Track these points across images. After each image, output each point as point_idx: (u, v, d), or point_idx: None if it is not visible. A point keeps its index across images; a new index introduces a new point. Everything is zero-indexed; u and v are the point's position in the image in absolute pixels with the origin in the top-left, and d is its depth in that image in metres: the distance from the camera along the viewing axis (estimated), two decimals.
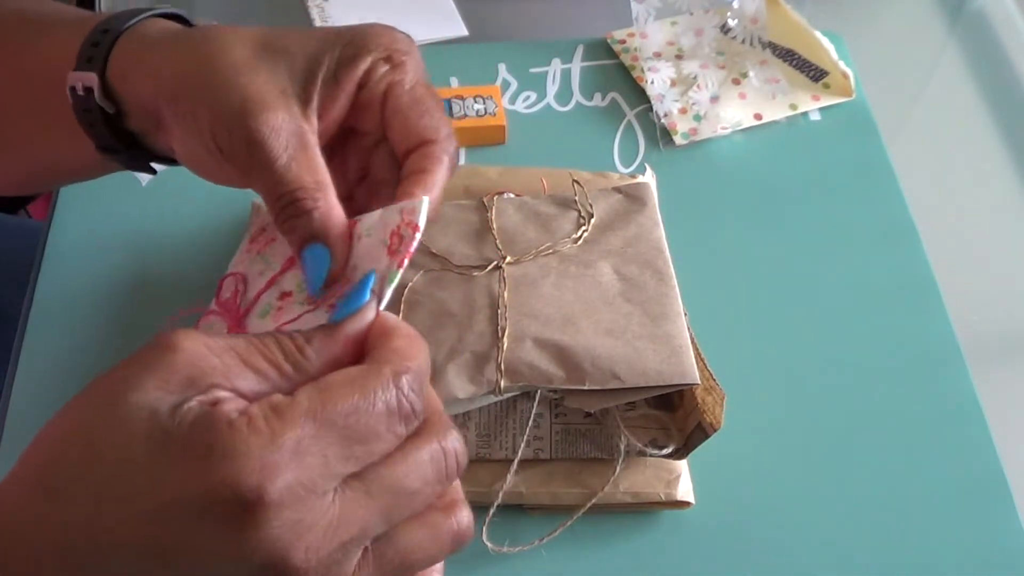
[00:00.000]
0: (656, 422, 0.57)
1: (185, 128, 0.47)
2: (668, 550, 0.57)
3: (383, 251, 0.43)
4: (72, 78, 0.49)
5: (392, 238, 0.42)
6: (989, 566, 0.57)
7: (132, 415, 0.33)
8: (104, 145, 0.51)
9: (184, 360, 0.34)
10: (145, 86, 0.48)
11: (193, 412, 0.33)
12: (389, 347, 0.38)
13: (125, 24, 0.50)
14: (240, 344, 0.36)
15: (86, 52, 0.50)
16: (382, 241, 0.43)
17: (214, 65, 0.47)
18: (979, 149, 0.79)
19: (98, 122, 0.50)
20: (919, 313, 0.67)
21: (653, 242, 0.61)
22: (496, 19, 0.86)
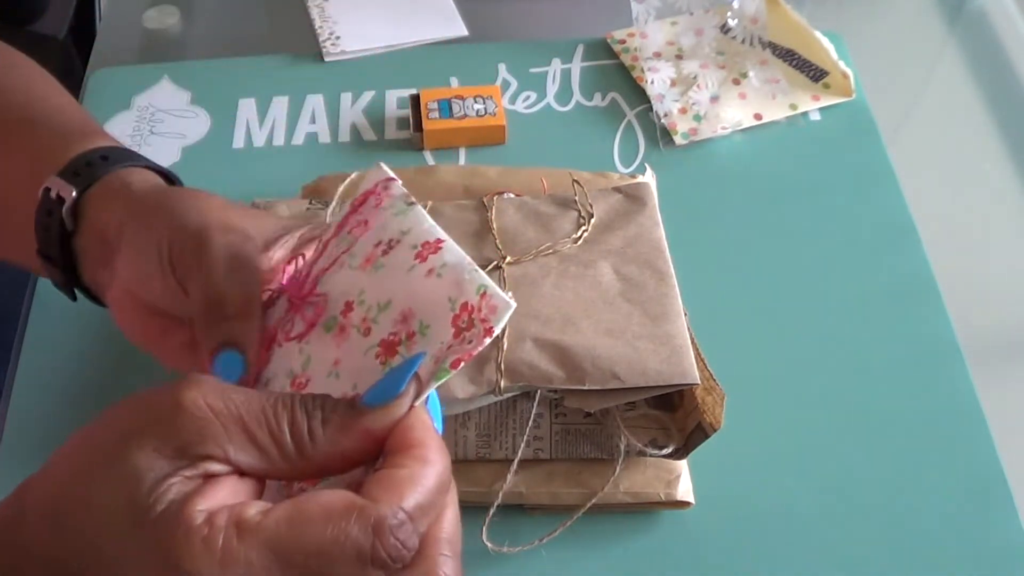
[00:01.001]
0: (656, 422, 0.57)
1: (139, 243, 0.49)
2: (668, 550, 0.57)
3: (447, 318, 0.39)
4: (52, 182, 0.52)
5: (462, 312, 0.39)
6: (989, 566, 0.57)
7: (126, 477, 0.33)
8: (44, 252, 0.53)
9: (186, 423, 0.34)
10: (114, 210, 0.51)
11: (168, 497, 0.33)
12: (399, 471, 0.35)
13: (126, 162, 0.53)
14: (251, 411, 0.35)
15: (75, 167, 0.52)
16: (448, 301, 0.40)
17: (186, 195, 0.51)
18: (979, 149, 0.79)
19: (52, 228, 0.52)
20: (919, 313, 0.67)
21: (653, 242, 0.61)
22: (496, 19, 0.86)
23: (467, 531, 0.56)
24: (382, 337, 0.41)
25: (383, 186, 0.46)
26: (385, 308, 0.42)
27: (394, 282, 0.42)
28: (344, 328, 0.42)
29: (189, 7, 0.90)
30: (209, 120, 0.79)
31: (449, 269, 0.41)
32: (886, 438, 0.61)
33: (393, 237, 0.43)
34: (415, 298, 0.41)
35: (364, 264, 0.44)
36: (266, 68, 0.83)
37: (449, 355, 0.38)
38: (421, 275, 0.41)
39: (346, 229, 0.46)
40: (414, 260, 0.42)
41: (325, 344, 0.43)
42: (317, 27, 0.85)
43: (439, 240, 0.42)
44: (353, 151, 0.77)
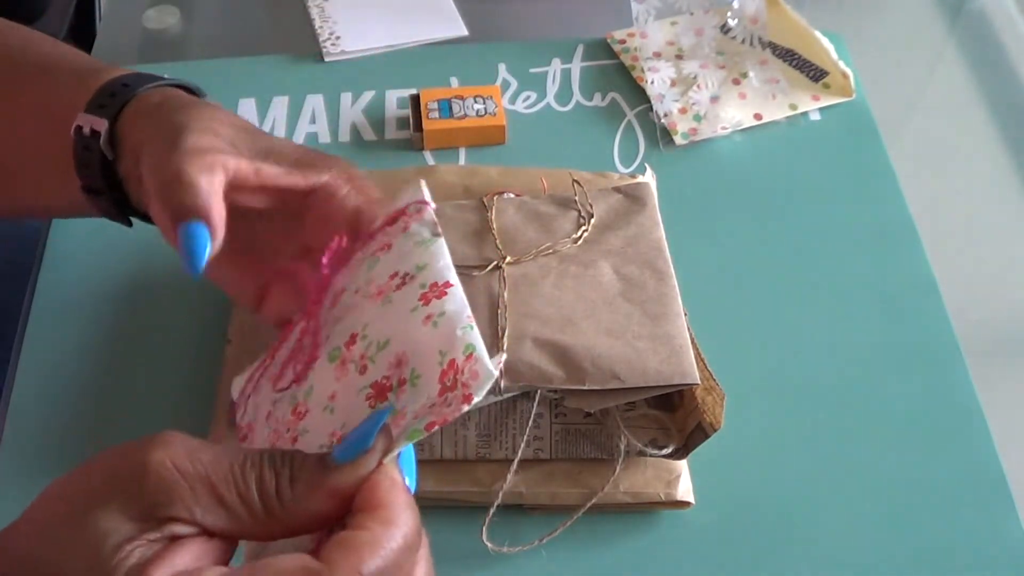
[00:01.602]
0: (656, 422, 0.57)
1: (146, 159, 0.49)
2: (668, 550, 0.57)
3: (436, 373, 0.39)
4: (82, 119, 0.51)
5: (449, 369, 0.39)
6: (989, 565, 0.57)
7: (89, 540, 0.33)
8: (90, 187, 0.52)
9: (152, 485, 0.34)
10: (144, 127, 0.50)
11: (129, 562, 0.33)
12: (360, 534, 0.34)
13: (145, 85, 0.52)
14: (219, 471, 0.35)
15: (100, 100, 0.51)
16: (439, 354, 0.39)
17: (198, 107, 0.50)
18: (979, 149, 0.79)
19: (93, 163, 0.51)
20: (919, 313, 0.67)
21: (653, 242, 0.61)
22: (496, 19, 0.86)
23: (467, 531, 0.56)
24: (375, 379, 0.41)
25: (416, 208, 0.46)
26: (383, 347, 0.41)
27: (396, 321, 0.41)
28: (344, 361, 0.42)
29: (189, 7, 0.90)
30: None
31: (446, 319, 0.40)
32: (886, 438, 0.61)
33: (409, 271, 0.43)
34: (411, 343, 0.40)
35: (376, 295, 0.43)
36: (266, 68, 0.83)
37: (429, 415, 0.37)
38: (420, 319, 0.41)
39: (373, 247, 0.46)
40: (418, 301, 0.41)
41: (327, 375, 0.43)
42: (317, 27, 0.85)
43: (447, 283, 0.42)
44: (353, 151, 0.77)
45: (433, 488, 0.56)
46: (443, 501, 0.57)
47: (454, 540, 0.56)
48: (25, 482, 0.59)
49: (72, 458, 0.60)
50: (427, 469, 0.56)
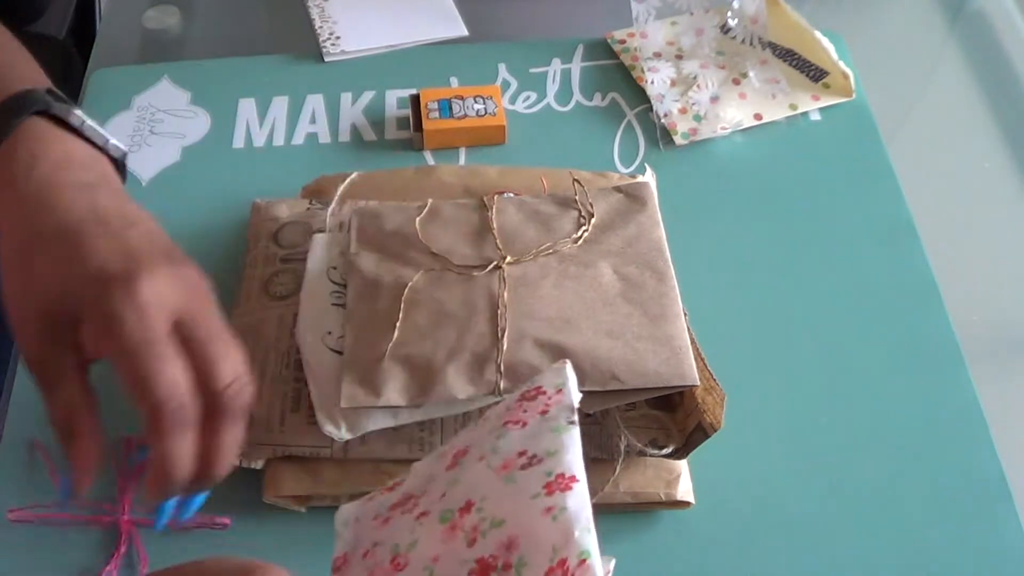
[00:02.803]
0: (656, 422, 0.57)
1: None
2: (668, 550, 0.57)
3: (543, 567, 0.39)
4: None
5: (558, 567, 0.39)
6: (989, 566, 0.57)
7: None
8: None
9: None
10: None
11: None
12: None
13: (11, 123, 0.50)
14: None
15: None
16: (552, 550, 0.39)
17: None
18: (979, 149, 0.79)
19: None
20: (919, 313, 0.67)
21: (653, 242, 0.61)
22: (496, 19, 0.86)
23: None
24: (483, 555, 0.40)
25: (557, 389, 0.45)
26: (498, 525, 0.41)
27: (516, 503, 0.41)
28: (455, 527, 0.42)
29: (189, 7, 0.90)
30: (209, 120, 0.79)
31: (566, 516, 0.40)
32: (886, 438, 0.61)
33: (537, 454, 0.42)
34: (526, 530, 0.40)
35: (501, 469, 0.43)
36: (266, 68, 0.83)
37: None
38: (540, 509, 0.40)
39: (507, 416, 0.45)
40: (542, 489, 0.41)
41: (434, 535, 0.42)
42: (317, 27, 0.85)
43: (573, 477, 0.41)
44: (353, 151, 0.77)
45: None
46: None
47: None
48: (25, 482, 0.59)
49: None
50: None
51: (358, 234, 0.62)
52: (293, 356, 0.59)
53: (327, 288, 0.61)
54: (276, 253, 0.65)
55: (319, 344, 0.58)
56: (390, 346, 0.56)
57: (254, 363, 0.60)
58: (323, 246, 0.63)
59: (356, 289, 0.60)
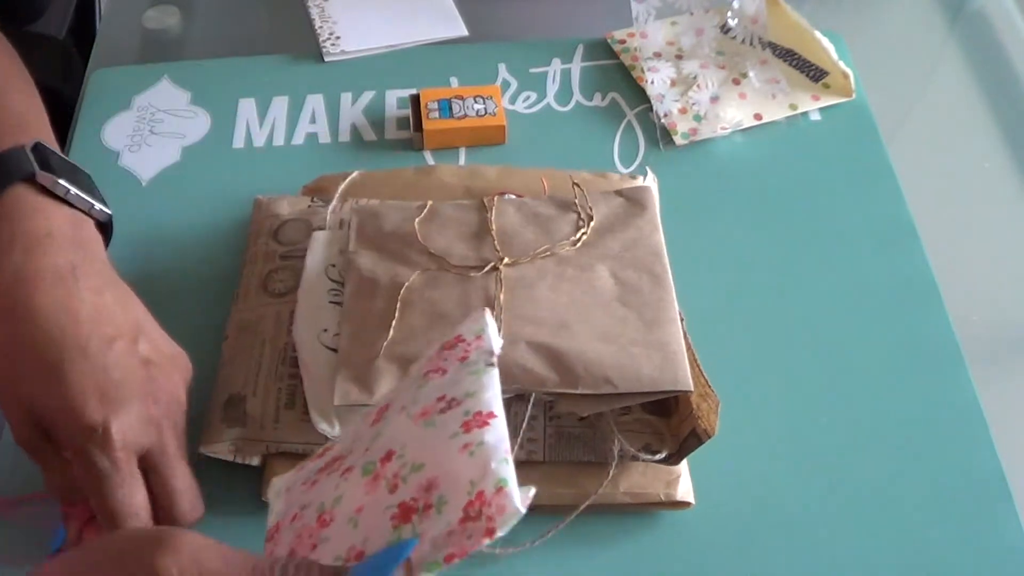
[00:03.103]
0: (650, 427, 0.57)
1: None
2: (668, 550, 0.57)
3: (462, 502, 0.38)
4: None
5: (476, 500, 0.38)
6: (989, 566, 0.57)
7: None
8: None
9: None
10: None
11: None
12: None
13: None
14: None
15: None
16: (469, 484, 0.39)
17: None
18: (979, 149, 0.79)
19: None
20: (919, 313, 0.67)
21: (652, 246, 0.61)
22: (496, 19, 0.86)
23: None
24: (404, 499, 0.40)
25: (476, 336, 0.46)
26: (417, 469, 0.41)
27: (434, 446, 0.41)
28: (377, 477, 0.42)
29: (189, 7, 0.90)
30: (209, 120, 0.79)
31: (483, 450, 0.40)
32: (886, 438, 0.61)
33: (456, 397, 0.43)
34: (444, 469, 0.40)
35: (420, 416, 0.43)
36: (266, 68, 0.83)
37: (448, 544, 0.37)
38: (458, 447, 0.40)
39: (426, 368, 0.46)
40: (460, 428, 0.41)
41: (358, 487, 0.42)
42: (317, 27, 0.85)
43: (491, 413, 0.41)
44: (353, 151, 0.77)
45: None
46: None
47: None
48: (25, 482, 0.59)
49: None
50: None
51: (357, 233, 0.62)
52: (290, 353, 0.59)
53: (325, 286, 0.61)
54: (276, 250, 0.65)
55: (315, 341, 0.58)
56: (385, 345, 0.56)
57: (251, 359, 0.60)
58: (322, 244, 0.63)
59: (353, 287, 0.60)
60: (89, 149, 0.77)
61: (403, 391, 0.46)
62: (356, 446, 0.45)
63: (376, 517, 0.40)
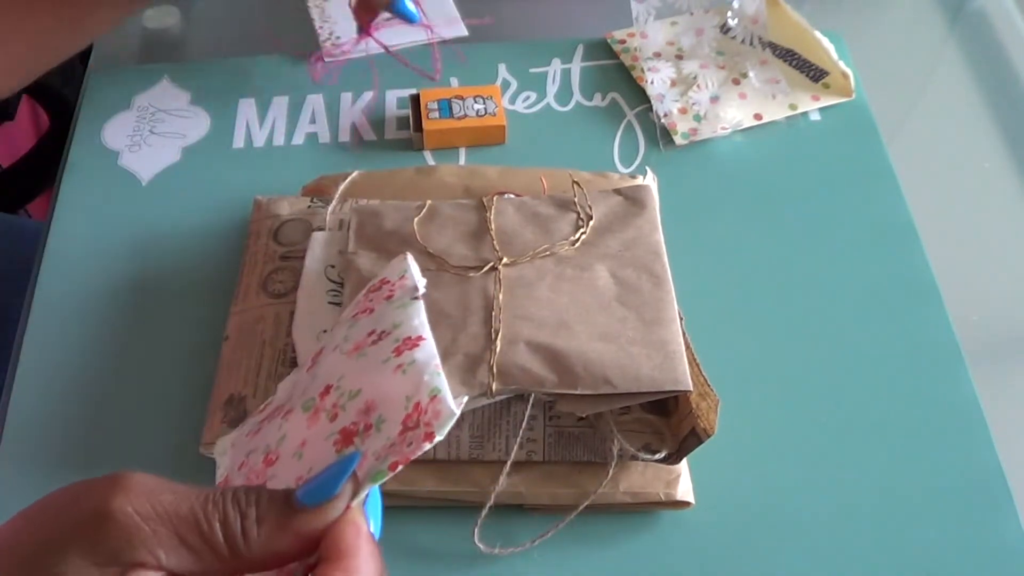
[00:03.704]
0: (650, 426, 0.57)
1: None
2: (668, 550, 0.57)
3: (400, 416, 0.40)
4: None
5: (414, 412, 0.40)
6: (988, 566, 0.57)
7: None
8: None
9: (113, 531, 0.34)
10: None
11: None
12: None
13: None
14: (182, 512, 0.35)
15: None
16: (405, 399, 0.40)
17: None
18: (979, 149, 0.79)
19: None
20: (919, 313, 0.67)
21: (651, 246, 0.61)
22: (496, 19, 0.86)
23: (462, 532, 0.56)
24: (344, 425, 0.41)
25: (400, 276, 0.47)
26: (354, 396, 0.42)
27: (369, 372, 0.43)
28: (317, 411, 0.43)
29: (189, 7, 0.90)
30: (209, 120, 0.79)
31: (415, 367, 0.41)
32: (886, 438, 0.61)
33: (385, 329, 0.44)
34: (380, 391, 0.41)
35: (352, 350, 0.44)
36: (266, 68, 0.83)
37: (390, 455, 0.38)
38: (391, 369, 0.42)
39: (354, 311, 0.47)
40: (391, 353, 0.42)
41: (299, 423, 0.43)
42: (317, 27, 0.85)
43: (420, 337, 0.43)
44: (353, 151, 0.77)
45: (433, 488, 0.56)
46: (442, 501, 0.57)
47: (448, 541, 0.56)
48: (25, 482, 0.59)
49: (72, 457, 0.60)
50: (426, 469, 0.56)
51: (356, 233, 0.62)
52: (289, 354, 0.59)
53: (324, 286, 0.61)
54: (275, 250, 0.65)
55: (314, 342, 0.58)
56: None
57: (251, 360, 0.60)
58: (322, 244, 0.63)
59: (353, 288, 0.60)
60: (89, 149, 0.77)
61: (335, 335, 0.47)
62: (295, 392, 0.46)
63: (319, 446, 0.41)
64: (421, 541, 0.47)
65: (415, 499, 0.57)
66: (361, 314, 0.47)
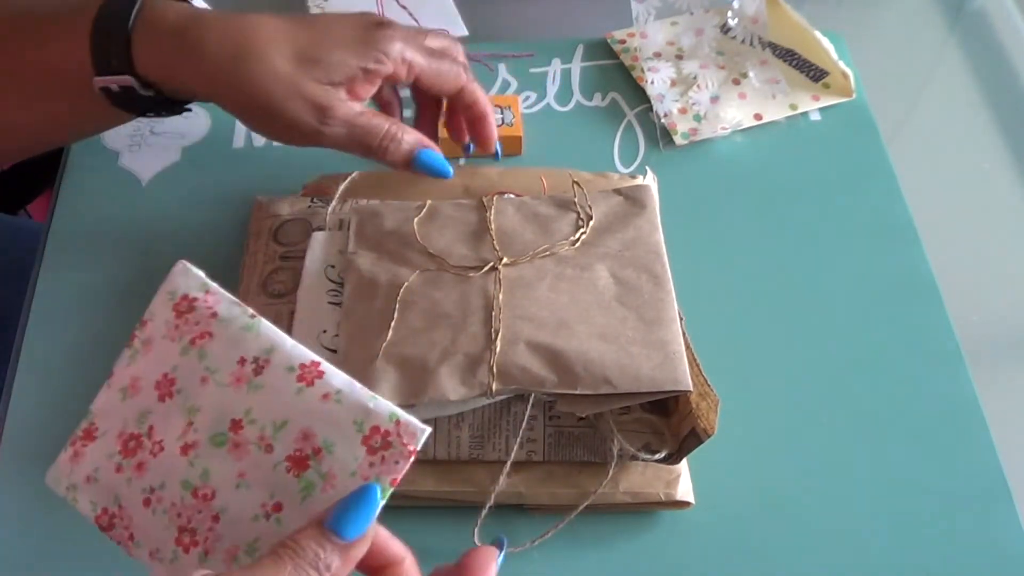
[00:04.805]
0: (650, 427, 0.57)
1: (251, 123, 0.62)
2: (668, 550, 0.57)
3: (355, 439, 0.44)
4: (101, 82, 0.58)
5: (372, 434, 0.44)
6: (988, 566, 0.57)
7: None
8: (145, 112, 0.61)
9: None
10: (194, 80, 0.58)
11: None
12: None
13: (128, 20, 0.57)
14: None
15: (101, 54, 0.57)
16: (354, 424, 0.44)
17: (266, 83, 0.58)
18: (979, 149, 0.79)
19: (140, 102, 0.60)
20: (919, 313, 0.67)
21: (651, 246, 0.61)
22: (496, 19, 0.86)
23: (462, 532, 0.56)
24: (287, 453, 0.44)
25: (205, 290, 0.49)
26: (282, 427, 0.45)
27: (284, 404, 0.45)
28: (239, 444, 0.45)
29: None
30: (209, 120, 0.79)
31: (346, 396, 0.44)
32: (886, 438, 0.61)
33: (259, 356, 0.46)
34: (315, 418, 0.44)
35: (235, 382, 0.46)
36: None
37: (382, 474, 0.43)
38: (316, 398, 0.45)
39: (185, 336, 0.48)
40: (298, 383, 0.45)
41: (221, 458, 0.46)
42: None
43: (315, 362, 0.46)
44: None
45: (433, 488, 0.56)
46: (442, 501, 0.57)
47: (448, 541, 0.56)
48: (25, 482, 0.59)
49: None
50: (427, 469, 0.57)
51: (356, 233, 0.62)
52: None
53: (324, 286, 0.61)
54: (276, 251, 0.65)
55: (314, 342, 0.58)
56: (384, 346, 0.56)
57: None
58: (322, 244, 0.63)
59: (352, 288, 0.60)
60: (89, 149, 0.77)
61: (175, 362, 0.48)
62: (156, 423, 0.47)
63: (267, 474, 0.45)
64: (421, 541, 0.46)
65: (415, 499, 0.57)
66: (199, 339, 0.48)
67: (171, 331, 0.49)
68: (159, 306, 0.50)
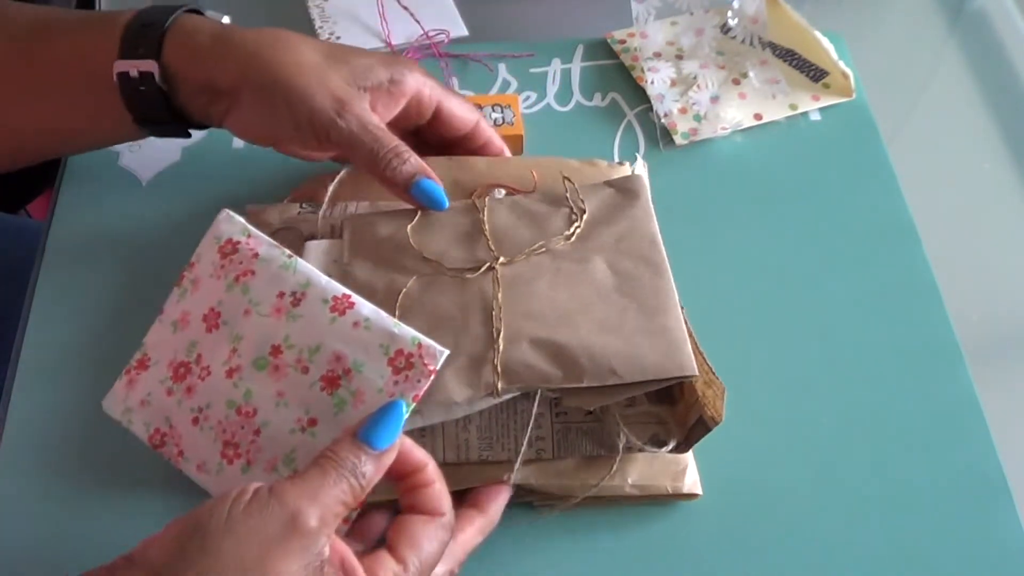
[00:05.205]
0: (656, 418, 0.57)
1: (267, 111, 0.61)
2: (675, 541, 0.57)
3: (383, 360, 0.50)
4: (123, 65, 0.60)
5: (397, 356, 0.50)
6: (988, 565, 0.57)
7: None
8: (145, 118, 0.63)
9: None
10: (223, 66, 0.60)
11: None
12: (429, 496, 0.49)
13: (168, 19, 0.61)
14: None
15: (131, 42, 0.60)
16: (381, 347, 0.51)
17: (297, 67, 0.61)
18: (979, 149, 0.79)
19: (151, 99, 0.61)
20: (919, 312, 0.67)
21: (647, 235, 0.60)
22: (496, 19, 0.86)
23: None
24: (321, 374, 0.51)
25: (246, 235, 0.55)
26: (317, 350, 0.51)
27: (319, 331, 0.52)
28: (279, 367, 0.52)
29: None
30: None
31: (374, 323, 0.51)
32: (886, 437, 0.61)
33: (296, 290, 0.53)
34: (345, 342, 0.51)
35: (275, 313, 0.53)
36: None
37: (406, 391, 0.50)
38: (348, 326, 0.51)
39: (230, 274, 0.54)
40: (331, 313, 0.52)
41: (262, 380, 0.52)
42: (317, 27, 0.85)
43: (346, 295, 0.52)
44: None
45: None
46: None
47: None
48: (25, 482, 0.59)
49: (72, 458, 0.60)
50: None
51: (351, 243, 0.62)
52: None
53: None
54: None
55: None
56: None
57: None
58: (316, 255, 0.62)
59: None
60: None
61: (221, 298, 0.54)
62: (203, 351, 0.54)
63: (303, 392, 0.51)
64: None
65: None
66: (242, 277, 0.54)
67: (217, 271, 0.55)
68: (206, 249, 0.56)
